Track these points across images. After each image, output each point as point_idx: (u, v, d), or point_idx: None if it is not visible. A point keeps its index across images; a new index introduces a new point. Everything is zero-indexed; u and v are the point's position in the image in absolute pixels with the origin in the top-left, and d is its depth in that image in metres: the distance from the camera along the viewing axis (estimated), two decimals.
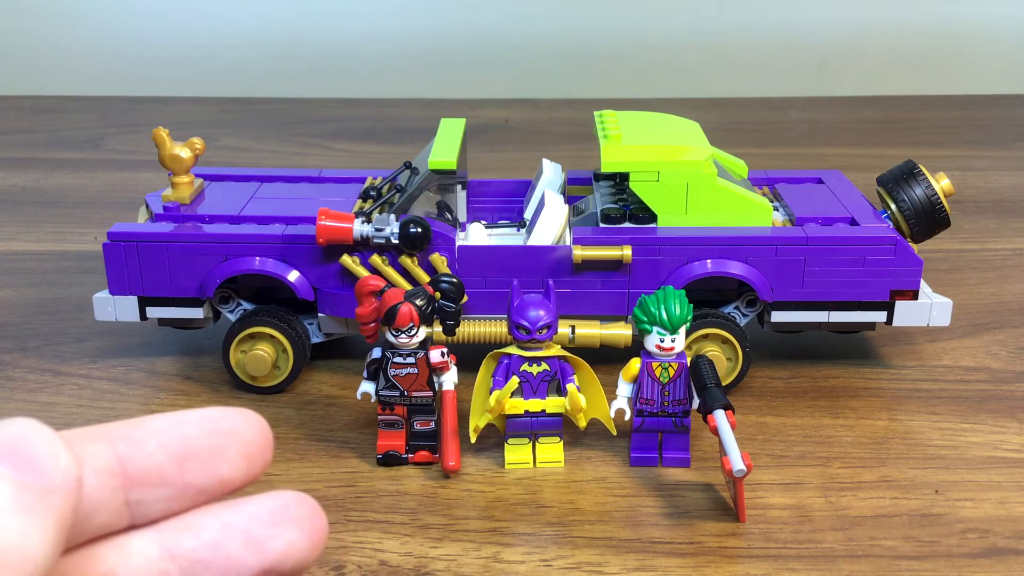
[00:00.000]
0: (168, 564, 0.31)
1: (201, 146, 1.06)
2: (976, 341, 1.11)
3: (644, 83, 2.20)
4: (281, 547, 0.32)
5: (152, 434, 0.31)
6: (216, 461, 0.32)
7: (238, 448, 0.32)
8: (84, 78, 2.19)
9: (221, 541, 0.32)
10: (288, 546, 0.32)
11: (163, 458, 0.31)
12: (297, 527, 0.32)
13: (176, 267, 0.98)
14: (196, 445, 0.31)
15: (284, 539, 0.32)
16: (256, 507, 0.32)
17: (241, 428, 0.32)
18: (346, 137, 1.90)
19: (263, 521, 0.32)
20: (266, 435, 0.33)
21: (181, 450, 0.31)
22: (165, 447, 0.31)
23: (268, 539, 0.32)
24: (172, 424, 0.32)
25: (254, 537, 0.32)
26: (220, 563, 0.31)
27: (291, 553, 0.32)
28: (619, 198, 1.04)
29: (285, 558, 0.32)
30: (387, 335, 0.86)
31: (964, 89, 2.19)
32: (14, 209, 1.51)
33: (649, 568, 0.76)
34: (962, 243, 1.37)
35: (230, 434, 0.32)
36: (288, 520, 0.32)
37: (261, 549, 0.32)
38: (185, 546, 0.31)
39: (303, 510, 0.32)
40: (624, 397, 0.88)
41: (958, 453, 0.90)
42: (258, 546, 0.32)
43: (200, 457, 0.31)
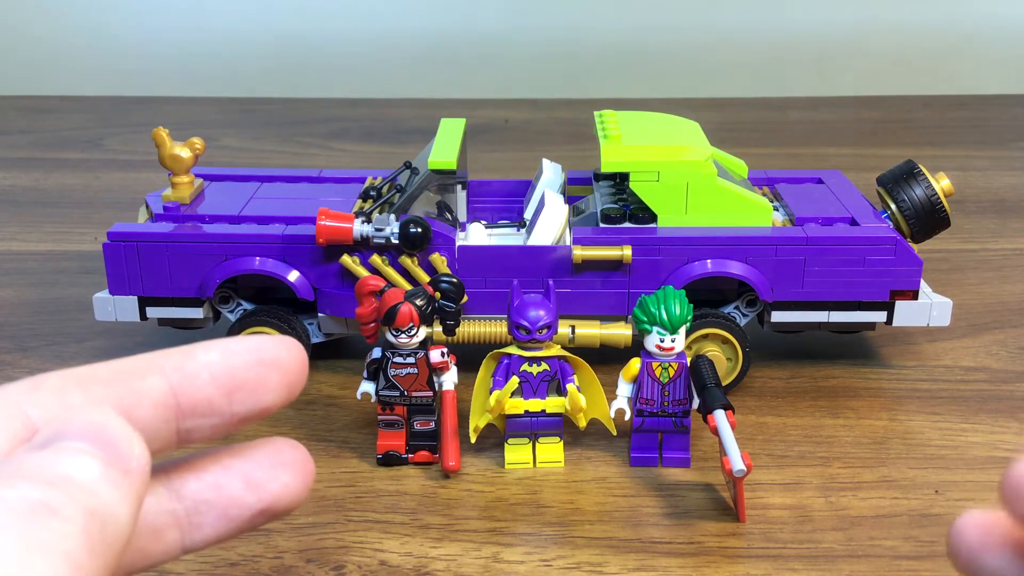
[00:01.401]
0: (175, 504, 0.34)
1: (201, 146, 1.06)
2: (976, 341, 1.11)
3: (644, 83, 2.20)
4: (278, 488, 0.34)
5: (203, 367, 0.33)
6: (262, 391, 0.34)
7: (280, 377, 0.34)
8: (84, 78, 2.20)
9: (223, 483, 0.34)
10: (283, 487, 0.35)
11: (214, 390, 0.33)
12: (291, 470, 0.35)
13: (176, 267, 0.98)
14: (244, 376, 0.33)
15: (280, 481, 0.35)
16: (254, 452, 0.35)
17: (284, 357, 0.34)
18: (346, 137, 1.90)
19: (261, 465, 0.34)
20: (304, 362, 0.35)
21: (230, 382, 0.33)
22: (216, 379, 0.33)
23: (266, 481, 0.34)
24: (222, 356, 0.33)
25: (253, 479, 0.34)
26: (222, 502, 0.34)
27: (286, 494, 0.35)
28: (619, 198, 1.04)
29: (281, 498, 0.35)
30: (387, 335, 0.86)
31: (964, 89, 2.19)
32: (14, 209, 1.51)
33: (649, 568, 0.76)
34: (962, 243, 1.37)
35: (274, 364, 0.34)
36: (283, 464, 0.35)
37: (260, 490, 0.34)
38: (190, 487, 0.34)
39: (296, 455, 0.35)
40: (624, 397, 0.88)
41: (958, 453, 0.90)
42: (257, 487, 0.34)
43: (247, 387, 0.34)
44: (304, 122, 2.00)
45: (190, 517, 0.34)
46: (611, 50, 2.20)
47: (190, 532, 0.34)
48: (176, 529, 0.34)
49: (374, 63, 2.20)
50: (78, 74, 2.20)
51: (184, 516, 0.34)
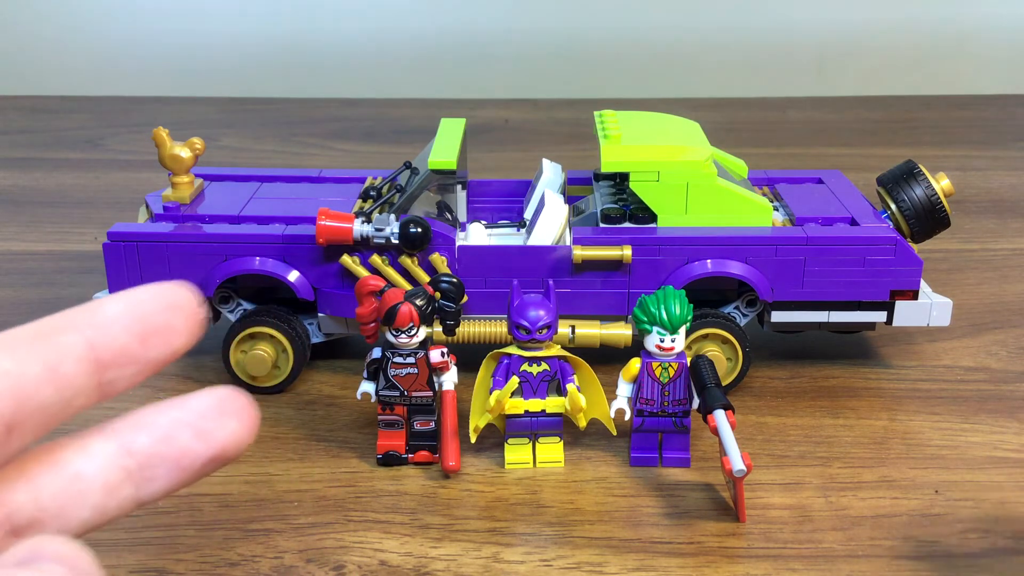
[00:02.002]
0: (127, 459, 0.35)
1: (201, 146, 1.06)
2: (976, 341, 1.11)
3: (644, 83, 2.20)
4: (225, 436, 0.36)
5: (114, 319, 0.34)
6: (172, 334, 0.35)
7: (184, 320, 0.35)
8: (84, 78, 2.20)
9: (172, 435, 0.35)
10: (231, 434, 0.36)
11: (128, 339, 0.34)
12: (236, 418, 0.36)
13: (176, 267, 0.98)
14: (153, 322, 0.35)
15: (227, 428, 0.36)
16: (198, 403, 0.36)
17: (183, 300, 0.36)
18: (346, 137, 1.90)
19: (207, 415, 0.36)
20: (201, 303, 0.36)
21: (141, 330, 0.35)
22: (128, 329, 0.34)
23: (214, 430, 0.36)
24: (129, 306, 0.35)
25: (201, 429, 0.35)
26: (173, 455, 0.35)
27: (233, 440, 0.36)
28: (619, 198, 1.04)
29: (229, 445, 0.36)
30: (387, 335, 0.86)
31: (964, 89, 2.19)
32: (14, 209, 1.51)
33: (649, 568, 0.76)
34: (962, 243, 1.37)
35: (178, 307, 0.35)
36: (228, 412, 0.36)
37: (208, 439, 0.35)
38: (140, 442, 0.35)
39: (239, 402, 0.36)
40: (624, 397, 0.88)
41: (958, 453, 0.90)
42: (206, 437, 0.35)
43: (158, 333, 0.35)
44: (304, 122, 2.00)
45: (142, 471, 0.35)
46: (611, 50, 2.20)
47: (143, 485, 0.35)
48: (129, 484, 0.35)
49: (374, 63, 2.20)
50: (78, 74, 2.20)
51: (136, 470, 0.35)
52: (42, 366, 0.32)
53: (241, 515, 0.82)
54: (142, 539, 0.79)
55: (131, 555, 0.77)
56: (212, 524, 0.81)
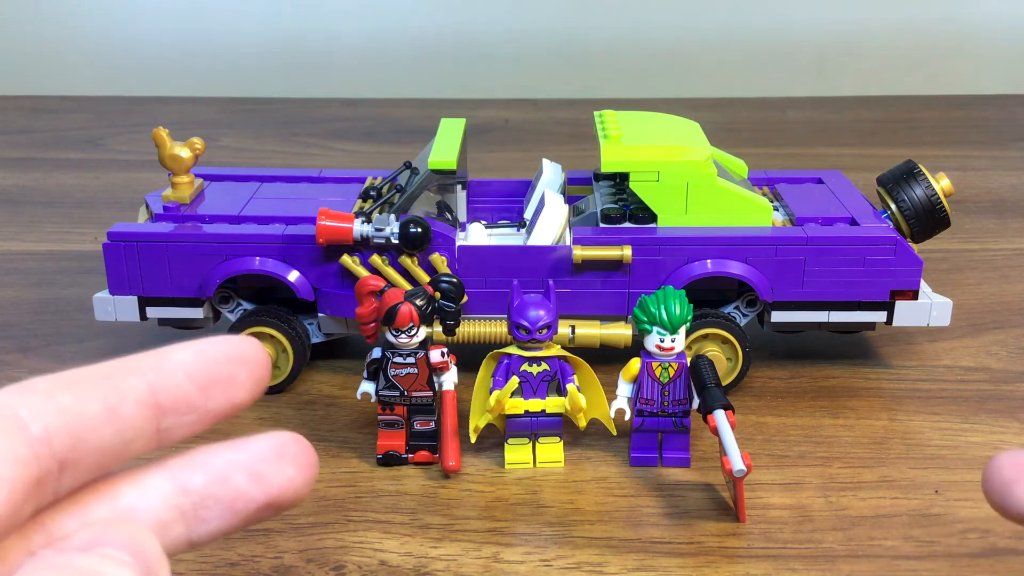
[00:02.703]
0: (182, 499, 0.34)
1: (201, 146, 1.06)
2: (976, 341, 1.11)
3: (644, 83, 2.20)
4: (282, 482, 0.35)
5: (178, 366, 0.34)
6: (233, 387, 0.35)
7: (249, 373, 0.36)
8: (84, 78, 2.20)
9: (228, 477, 0.35)
10: (288, 481, 0.35)
11: (190, 388, 0.34)
12: (294, 464, 0.36)
13: (176, 267, 0.98)
14: (216, 373, 0.35)
15: (284, 475, 0.35)
16: (257, 446, 0.36)
17: (250, 355, 0.36)
18: (346, 137, 1.90)
19: (265, 459, 0.35)
20: (267, 358, 0.37)
21: (204, 379, 0.35)
22: (191, 377, 0.34)
23: (270, 475, 0.35)
24: (194, 356, 0.35)
25: (257, 473, 0.35)
26: (228, 496, 0.35)
27: (290, 487, 0.35)
28: (619, 198, 1.04)
29: (285, 492, 0.35)
30: (387, 335, 0.86)
31: (964, 89, 2.19)
32: (14, 209, 1.51)
33: (649, 568, 0.76)
34: (962, 243, 1.37)
35: (243, 361, 0.35)
36: (287, 458, 0.36)
37: (264, 483, 0.35)
38: (196, 482, 0.35)
39: (299, 449, 0.36)
40: (624, 397, 0.88)
41: (958, 453, 0.90)
42: (261, 481, 0.35)
43: (220, 384, 0.35)
44: (304, 122, 2.00)
45: (196, 511, 0.35)
46: (611, 50, 2.20)
47: (196, 526, 0.35)
48: (182, 523, 0.34)
49: (374, 63, 2.20)
50: (78, 74, 2.20)
51: (190, 510, 0.34)
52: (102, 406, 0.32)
53: None
54: None
55: None
56: None
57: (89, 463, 0.32)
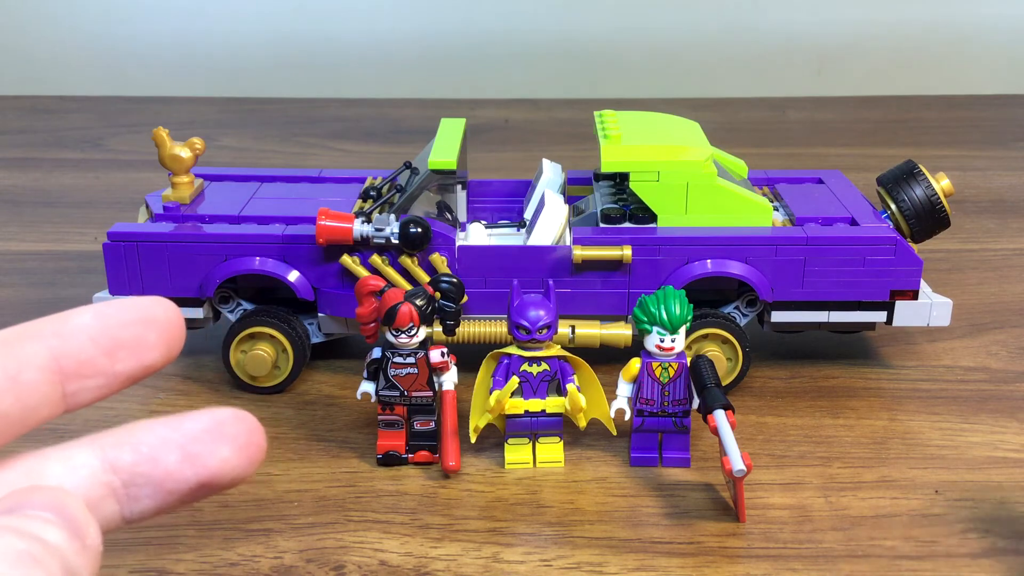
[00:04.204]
0: (111, 476, 0.33)
1: (201, 146, 1.06)
2: (976, 341, 1.11)
3: (644, 83, 2.20)
4: (215, 463, 0.34)
5: (80, 329, 0.33)
6: (142, 349, 0.34)
7: (159, 335, 0.34)
8: (84, 78, 2.19)
9: (159, 456, 0.34)
10: (223, 462, 0.34)
11: (94, 351, 0.33)
12: (232, 444, 0.34)
13: (176, 267, 0.98)
14: (122, 335, 0.34)
15: (219, 455, 0.34)
16: (192, 424, 0.34)
17: (160, 315, 0.35)
18: (346, 137, 1.90)
19: (198, 438, 0.34)
20: (180, 319, 0.35)
21: (109, 342, 0.34)
22: (94, 341, 0.33)
23: (204, 455, 0.34)
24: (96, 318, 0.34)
25: (190, 453, 0.34)
26: (158, 476, 0.34)
27: (225, 468, 0.34)
28: (619, 198, 1.04)
29: (220, 473, 0.34)
30: (387, 335, 0.86)
31: (964, 89, 2.19)
32: (14, 209, 1.51)
33: (649, 568, 0.76)
34: (962, 243, 1.37)
35: (151, 322, 0.34)
36: (223, 437, 0.34)
37: (197, 464, 0.34)
38: (125, 460, 0.34)
39: (239, 428, 0.35)
40: (624, 397, 0.88)
41: (958, 453, 0.90)
42: (194, 461, 0.34)
43: (127, 347, 0.34)
44: (304, 122, 2.00)
45: (127, 489, 0.34)
46: (611, 50, 2.20)
47: (128, 504, 0.34)
48: (113, 500, 0.34)
49: (374, 63, 2.20)
50: (78, 74, 2.20)
51: (121, 488, 0.34)
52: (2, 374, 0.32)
53: (241, 515, 0.82)
54: (142, 539, 0.79)
55: (131, 555, 0.77)
56: (212, 524, 0.81)
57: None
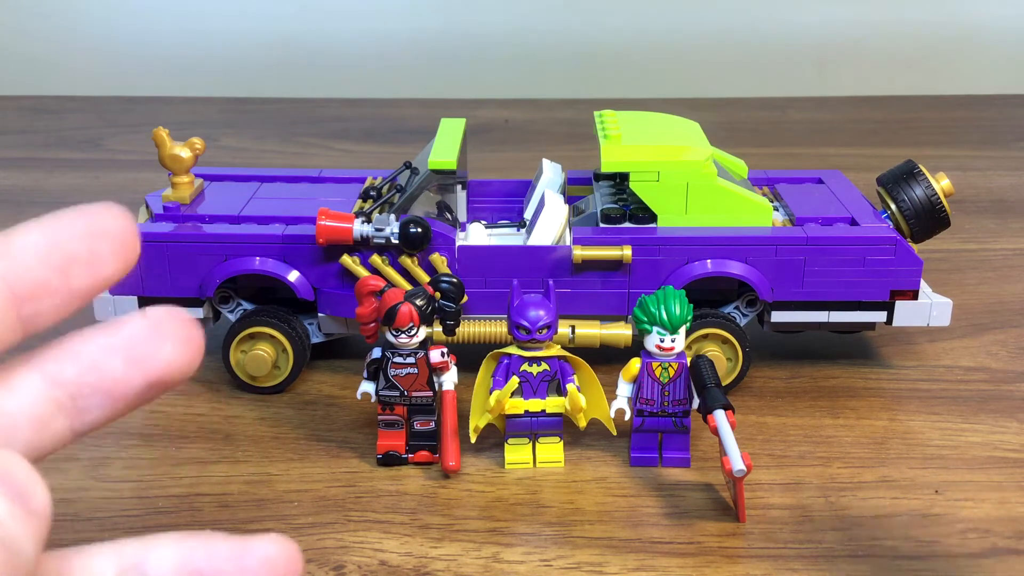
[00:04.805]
0: (56, 391, 0.33)
1: (201, 146, 1.06)
2: (976, 341, 1.11)
3: (644, 83, 2.20)
4: (162, 361, 0.33)
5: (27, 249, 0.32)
6: (97, 263, 0.33)
7: (112, 247, 0.33)
8: (84, 78, 2.19)
9: (102, 362, 0.33)
10: (167, 360, 0.33)
11: (45, 270, 0.32)
12: (174, 340, 0.34)
13: (176, 267, 0.98)
14: (74, 250, 0.33)
15: (163, 353, 0.33)
16: (130, 328, 0.34)
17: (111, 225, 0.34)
18: (346, 137, 1.90)
19: (140, 340, 0.33)
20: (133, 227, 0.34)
21: (60, 259, 0.32)
22: (44, 259, 0.32)
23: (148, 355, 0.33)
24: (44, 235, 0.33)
25: (134, 355, 0.33)
26: (105, 384, 0.33)
27: (172, 365, 0.33)
28: (619, 198, 1.04)
29: (168, 370, 0.33)
30: (387, 335, 0.86)
31: (964, 89, 2.19)
32: (14, 209, 1.51)
33: (649, 568, 0.76)
34: (962, 243, 1.37)
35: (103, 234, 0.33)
36: (164, 335, 0.34)
37: (143, 365, 0.33)
38: (68, 373, 0.33)
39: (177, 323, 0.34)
40: (624, 397, 0.88)
41: (958, 453, 0.90)
42: (140, 362, 0.33)
43: (80, 262, 0.33)
44: (304, 122, 2.00)
45: (74, 402, 0.33)
46: (611, 50, 2.20)
47: (78, 416, 0.33)
48: (62, 416, 0.33)
49: (374, 63, 2.20)
50: (78, 74, 2.20)
51: (68, 401, 0.33)
52: None
53: (241, 515, 0.82)
54: None
55: None
56: (212, 524, 0.81)
57: None
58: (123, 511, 0.82)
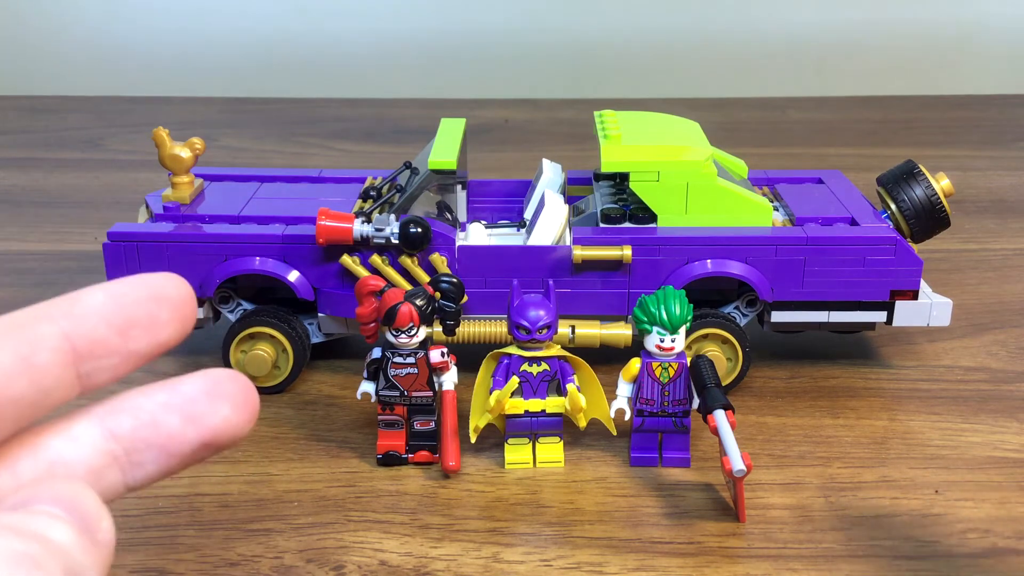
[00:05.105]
0: (112, 444, 0.33)
1: (201, 146, 1.06)
2: (976, 341, 1.11)
3: (644, 83, 2.20)
4: (218, 421, 0.34)
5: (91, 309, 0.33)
6: (155, 327, 0.34)
7: (171, 312, 0.34)
8: (84, 78, 2.19)
9: (160, 419, 0.34)
10: (224, 420, 0.34)
11: (106, 331, 0.33)
12: (231, 402, 0.34)
13: (176, 267, 0.98)
14: (134, 314, 0.34)
15: (220, 414, 0.34)
16: (189, 386, 0.34)
17: (171, 292, 0.34)
18: (346, 137, 1.90)
19: (197, 399, 0.34)
20: (191, 295, 0.35)
21: (121, 321, 0.33)
22: (106, 320, 0.33)
23: (205, 415, 0.34)
24: (108, 296, 0.34)
25: (191, 413, 0.34)
26: (161, 440, 0.34)
27: (227, 427, 0.34)
28: (619, 198, 1.04)
29: (222, 431, 0.34)
30: (387, 335, 0.86)
31: (964, 89, 2.19)
32: (14, 209, 1.51)
33: (649, 568, 0.76)
34: (962, 243, 1.37)
35: (163, 299, 0.34)
36: (222, 396, 0.34)
37: (199, 424, 0.34)
38: (125, 427, 0.34)
39: (234, 386, 0.35)
40: (624, 397, 0.88)
41: (958, 453, 0.90)
42: (195, 421, 0.34)
43: (140, 325, 0.34)
44: (304, 122, 2.00)
45: (129, 456, 0.34)
46: (611, 50, 2.20)
47: (131, 471, 0.34)
48: (116, 469, 0.34)
49: (374, 63, 2.20)
50: (78, 74, 2.20)
51: (123, 455, 0.34)
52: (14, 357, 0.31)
53: (241, 515, 0.82)
54: (142, 539, 0.79)
55: (131, 555, 0.77)
56: (212, 524, 0.81)
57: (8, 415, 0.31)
58: (123, 511, 0.82)
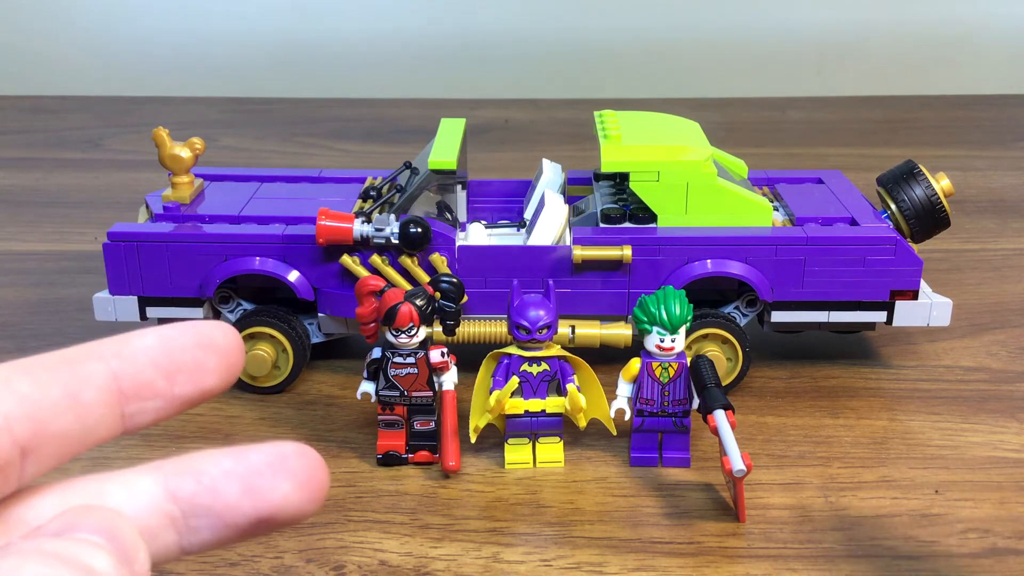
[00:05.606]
0: (170, 505, 0.33)
1: (201, 146, 1.06)
2: (976, 341, 1.11)
3: (644, 83, 2.20)
4: (277, 498, 0.33)
5: (141, 351, 0.33)
6: (201, 374, 0.34)
7: (219, 360, 0.34)
8: (84, 78, 2.20)
9: (220, 487, 0.33)
10: (283, 498, 0.33)
11: (153, 373, 0.33)
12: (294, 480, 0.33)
13: (176, 267, 0.98)
14: (182, 359, 0.34)
15: (280, 491, 0.33)
16: (256, 457, 0.33)
17: (220, 340, 0.34)
18: (346, 137, 1.90)
19: (261, 472, 0.33)
20: (240, 345, 0.35)
21: (169, 365, 0.33)
22: (155, 363, 0.33)
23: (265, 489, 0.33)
24: (158, 340, 0.34)
25: (252, 486, 0.33)
26: (218, 508, 0.33)
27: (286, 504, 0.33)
28: (619, 198, 1.04)
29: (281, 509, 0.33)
30: (387, 335, 0.86)
31: (964, 89, 2.19)
32: (14, 209, 1.51)
33: (649, 568, 0.76)
34: (962, 243, 1.37)
35: (211, 347, 0.34)
36: (286, 472, 0.33)
37: (257, 498, 0.33)
38: (186, 490, 0.33)
39: (302, 463, 0.33)
40: (624, 397, 0.88)
41: (958, 453, 0.90)
42: (255, 495, 0.33)
43: (187, 370, 0.34)
44: (304, 122, 2.00)
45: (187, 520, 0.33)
46: (611, 50, 2.20)
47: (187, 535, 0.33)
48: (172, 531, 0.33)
49: (374, 63, 2.20)
50: (78, 74, 2.20)
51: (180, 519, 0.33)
52: (62, 392, 0.31)
53: None
54: None
55: None
56: None
57: (51, 450, 0.31)
58: None
